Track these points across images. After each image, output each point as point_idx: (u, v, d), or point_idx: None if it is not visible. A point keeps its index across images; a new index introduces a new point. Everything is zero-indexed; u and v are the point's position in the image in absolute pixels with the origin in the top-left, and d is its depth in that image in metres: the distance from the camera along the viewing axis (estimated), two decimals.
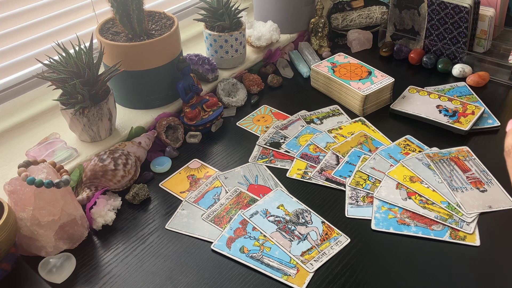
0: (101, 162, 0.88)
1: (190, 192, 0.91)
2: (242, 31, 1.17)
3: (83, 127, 0.93)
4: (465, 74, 1.19)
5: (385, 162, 0.95)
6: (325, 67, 1.16)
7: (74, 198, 0.81)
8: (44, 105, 1.06)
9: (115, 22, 1.02)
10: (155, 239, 0.82)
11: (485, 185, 0.88)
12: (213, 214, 0.86)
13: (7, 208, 0.72)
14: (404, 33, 1.31)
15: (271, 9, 1.31)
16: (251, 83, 1.18)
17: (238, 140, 1.04)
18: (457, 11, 1.17)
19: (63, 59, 0.89)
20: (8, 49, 1.01)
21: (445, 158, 0.95)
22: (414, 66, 1.26)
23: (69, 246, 0.80)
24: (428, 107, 1.08)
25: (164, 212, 0.87)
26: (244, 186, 0.92)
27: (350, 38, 1.34)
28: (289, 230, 0.82)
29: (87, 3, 1.13)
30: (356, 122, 1.07)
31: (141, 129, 1.02)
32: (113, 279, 0.76)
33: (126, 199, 0.89)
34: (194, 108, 1.05)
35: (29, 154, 0.92)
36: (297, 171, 0.95)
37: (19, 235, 0.76)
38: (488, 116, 1.06)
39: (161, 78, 1.04)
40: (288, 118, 1.10)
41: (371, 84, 1.09)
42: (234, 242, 0.80)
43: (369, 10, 1.37)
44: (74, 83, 0.86)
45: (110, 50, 0.99)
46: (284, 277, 0.74)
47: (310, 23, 1.33)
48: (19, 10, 1.03)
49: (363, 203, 0.87)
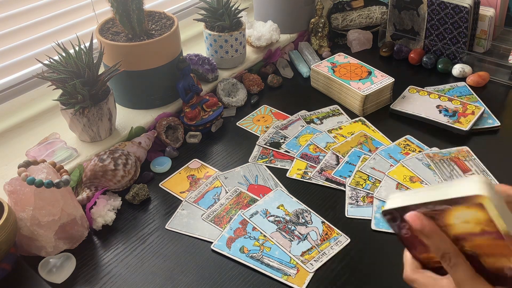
0: (101, 162, 0.88)
1: (190, 192, 0.91)
2: (242, 31, 1.17)
3: (83, 127, 0.93)
4: (465, 74, 1.19)
5: (385, 162, 0.95)
6: (325, 67, 1.16)
7: (74, 198, 0.81)
8: (44, 105, 1.06)
9: (115, 22, 1.02)
10: (155, 239, 0.82)
11: None
12: (213, 214, 0.86)
13: (7, 208, 0.72)
14: (404, 33, 1.31)
15: (271, 9, 1.31)
16: (251, 83, 1.18)
17: (238, 140, 1.04)
18: (457, 11, 1.17)
19: (63, 59, 0.89)
20: (8, 49, 1.01)
21: (445, 158, 0.95)
22: (414, 66, 1.26)
23: (69, 246, 0.80)
24: (428, 107, 1.08)
25: (164, 212, 0.87)
26: (244, 186, 0.92)
27: (350, 38, 1.34)
28: (289, 230, 0.82)
29: (87, 3, 1.13)
30: (356, 122, 1.07)
31: (141, 129, 1.02)
32: (113, 279, 0.76)
33: (126, 199, 0.89)
34: (194, 108, 1.05)
35: (29, 154, 0.92)
36: (297, 171, 0.95)
37: (19, 235, 0.76)
38: (488, 116, 1.06)
39: (161, 78, 1.04)
40: (288, 118, 1.10)
41: (371, 84, 1.09)
42: (234, 242, 0.80)
43: (369, 10, 1.37)
44: (74, 83, 0.86)
45: (110, 50, 0.99)
46: (284, 277, 0.74)
47: (310, 23, 1.33)
48: (19, 10, 1.03)
49: (363, 203, 0.87)
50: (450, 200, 0.40)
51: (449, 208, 0.41)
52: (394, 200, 0.45)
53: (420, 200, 0.42)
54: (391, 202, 0.45)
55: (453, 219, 0.41)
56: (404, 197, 0.44)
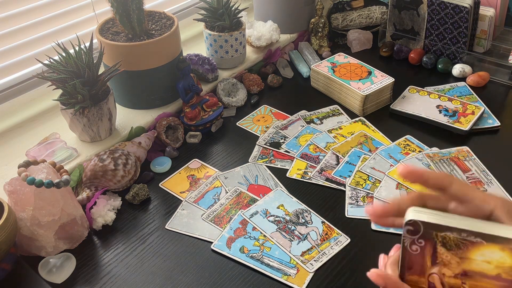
0: (101, 162, 0.88)
1: (190, 192, 0.91)
2: (242, 31, 1.17)
3: (83, 127, 0.93)
4: (465, 74, 1.19)
5: (385, 162, 0.95)
6: (325, 67, 1.16)
7: (74, 198, 0.81)
8: (44, 105, 1.06)
9: (115, 22, 1.02)
10: (155, 239, 0.82)
11: (485, 185, 0.88)
12: (213, 214, 0.86)
13: (7, 208, 0.72)
14: (404, 33, 1.31)
15: (271, 9, 1.31)
16: (251, 83, 1.18)
17: (238, 140, 1.04)
18: (457, 11, 1.17)
19: (63, 59, 0.89)
20: (8, 49, 1.01)
21: (445, 158, 0.95)
22: (414, 66, 1.26)
23: (69, 246, 0.80)
24: (428, 107, 1.08)
25: (164, 212, 0.87)
26: (244, 186, 0.92)
27: (350, 38, 1.34)
28: (289, 230, 0.82)
29: (87, 3, 1.13)
30: (356, 122, 1.07)
31: (141, 129, 1.02)
32: (113, 279, 0.76)
33: (126, 199, 0.89)
34: (194, 108, 1.05)
35: (29, 154, 0.92)
36: (297, 171, 0.95)
37: (19, 235, 0.76)
38: (488, 116, 1.06)
39: (161, 78, 1.04)
40: (288, 118, 1.10)
41: (371, 84, 1.09)
42: (234, 242, 0.80)
43: (369, 10, 1.37)
44: (74, 83, 0.86)
45: (110, 50, 0.99)
46: (284, 277, 0.74)
47: (310, 23, 1.33)
48: (19, 10, 1.03)
49: (363, 203, 0.87)
50: (490, 236, 0.40)
51: (481, 243, 0.40)
52: (420, 214, 0.43)
53: (455, 224, 0.41)
54: (418, 214, 0.43)
55: (477, 255, 0.41)
56: (433, 215, 0.43)
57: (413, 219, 0.42)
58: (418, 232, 0.43)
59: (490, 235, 0.40)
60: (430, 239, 0.42)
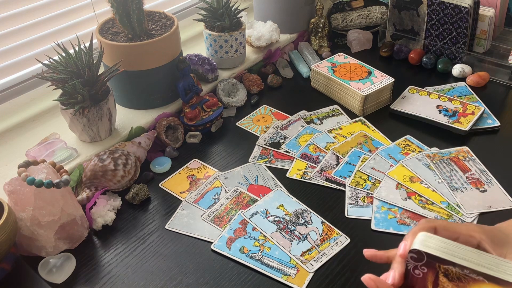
0: (101, 162, 0.88)
1: (190, 192, 0.91)
2: (242, 31, 1.17)
3: (83, 127, 0.93)
4: (465, 74, 1.19)
5: (385, 162, 0.95)
6: (325, 67, 1.16)
7: (74, 198, 0.81)
8: (44, 105, 1.06)
9: (115, 22, 1.02)
10: (155, 239, 0.82)
11: (485, 185, 0.88)
12: (213, 214, 0.86)
13: (7, 208, 0.72)
14: (404, 33, 1.31)
15: (271, 9, 1.31)
16: (251, 83, 1.18)
17: (238, 140, 1.04)
18: (457, 11, 1.17)
19: (63, 59, 0.89)
20: (8, 49, 1.01)
21: (445, 158, 0.95)
22: (414, 66, 1.26)
23: (69, 246, 0.80)
24: (428, 107, 1.08)
25: (164, 212, 0.87)
26: (244, 186, 0.92)
27: (350, 38, 1.34)
28: (289, 230, 0.82)
29: (87, 3, 1.13)
30: (356, 122, 1.07)
31: (141, 129, 1.02)
32: (113, 279, 0.76)
33: (126, 199, 0.89)
34: (194, 108, 1.05)
35: (29, 154, 0.92)
36: (297, 171, 0.95)
37: (19, 235, 0.76)
38: (488, 116, 1.06)
39: (161, 78, 1.04)
40: (288, 118, 1.10)
41: (371, 84, 1.09)
42: (234, 242, 0.80)
43: (369, 10, 1.37)
44: (74, 83, 0.86)
45: (110, 50, 0.99)
46: (284, 277, 0.74)
47: (310, 23, 1.33)
48: (19, 10, 1.03)
49: (363, 203, 0.87)
50: (492, 277, 0.40)
51: (483, 281, 0.41)
52: (427, 243, 0.44)
53: (458, 260, 0.42)
54: (424, 244, 0.44)
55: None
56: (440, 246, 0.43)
57: (417, 249, 0.44)
58: (421, 261, 0.44)
59: (492, 276, 0.40)
60: (432, 268, 0.43)
